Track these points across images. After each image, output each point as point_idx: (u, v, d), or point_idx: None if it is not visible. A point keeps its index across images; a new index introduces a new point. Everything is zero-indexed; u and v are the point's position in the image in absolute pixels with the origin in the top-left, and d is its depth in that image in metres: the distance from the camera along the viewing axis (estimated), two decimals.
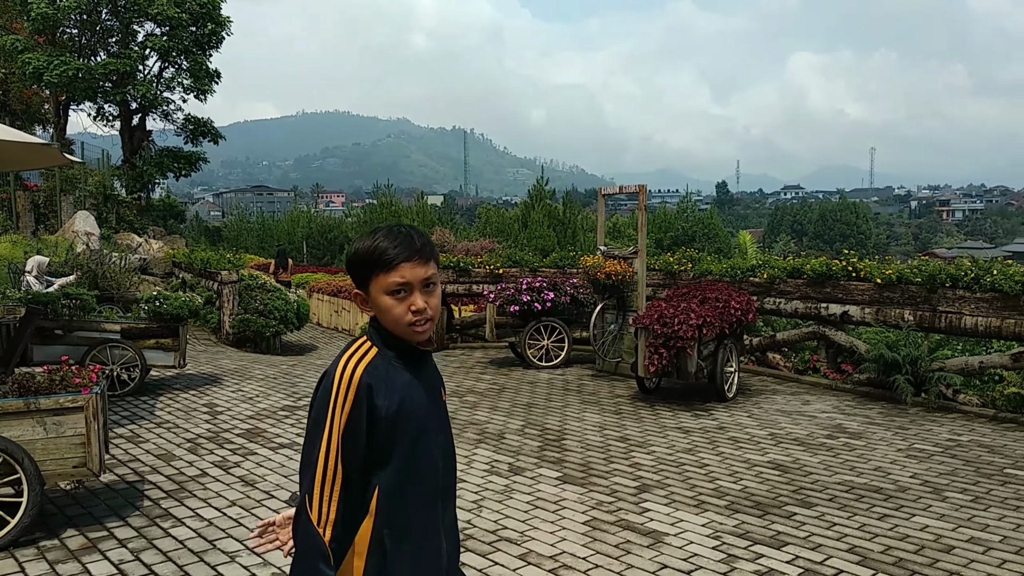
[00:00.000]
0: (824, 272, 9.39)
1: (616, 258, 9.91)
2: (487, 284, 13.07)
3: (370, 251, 1.79)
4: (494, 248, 34.51)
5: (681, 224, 64.44)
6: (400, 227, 1.83)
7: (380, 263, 1.79)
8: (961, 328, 8.00)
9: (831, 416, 7.74)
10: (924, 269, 8.37)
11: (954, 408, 7.86)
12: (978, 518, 4.91)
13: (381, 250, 1.78)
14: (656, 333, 8.12)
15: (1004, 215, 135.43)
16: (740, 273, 10.47)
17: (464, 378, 10.00)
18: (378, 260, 1.79)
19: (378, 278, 1.79)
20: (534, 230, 53.91)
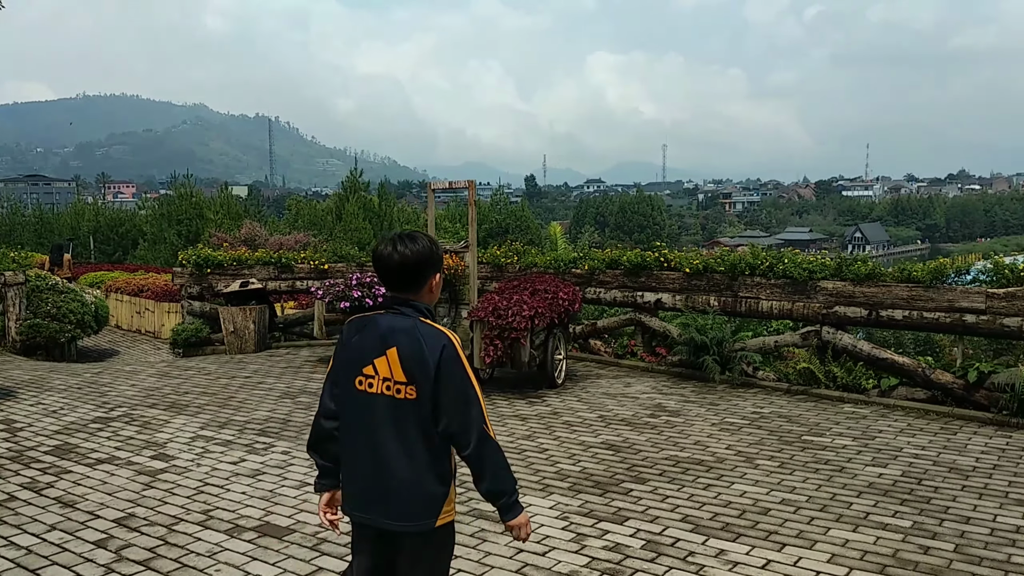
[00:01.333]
0: (639, 263, 10.05)
1: (447, 252, 10.02)
2: (312, 280, 12.74)
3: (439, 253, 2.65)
4: (309, 242, 33.49)
5: (495, 216, 65.77)
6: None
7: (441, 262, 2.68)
8: (759, 311, 8.89)
9: (651, 396, 8.34)
10: (726, 259, 9.21)
11: (755, 384, 8.72)
12: (786, 481, 5.53)
13: (440, 253, 2.66)
14: (491, 325, 8.33)
15: (776, 206, 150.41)
16: (563, 265, 10.94)
17: (294, 378, 9.71)
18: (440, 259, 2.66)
19: (438, 273, 2.68)
20: (349, 222, 52.81)
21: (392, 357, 2.52)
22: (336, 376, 2.66)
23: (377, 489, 2.55)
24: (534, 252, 12.18)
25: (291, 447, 6.59)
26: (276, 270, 12.65)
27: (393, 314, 2.59)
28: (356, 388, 2.58)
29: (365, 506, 2.58)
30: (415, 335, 2.52)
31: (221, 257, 12.50)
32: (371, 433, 2.55)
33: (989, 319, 7.18)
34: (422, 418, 2.51)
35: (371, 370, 2.55)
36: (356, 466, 2.60)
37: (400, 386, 2.51)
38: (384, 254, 2.57)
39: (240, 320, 11.85)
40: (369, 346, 2.57)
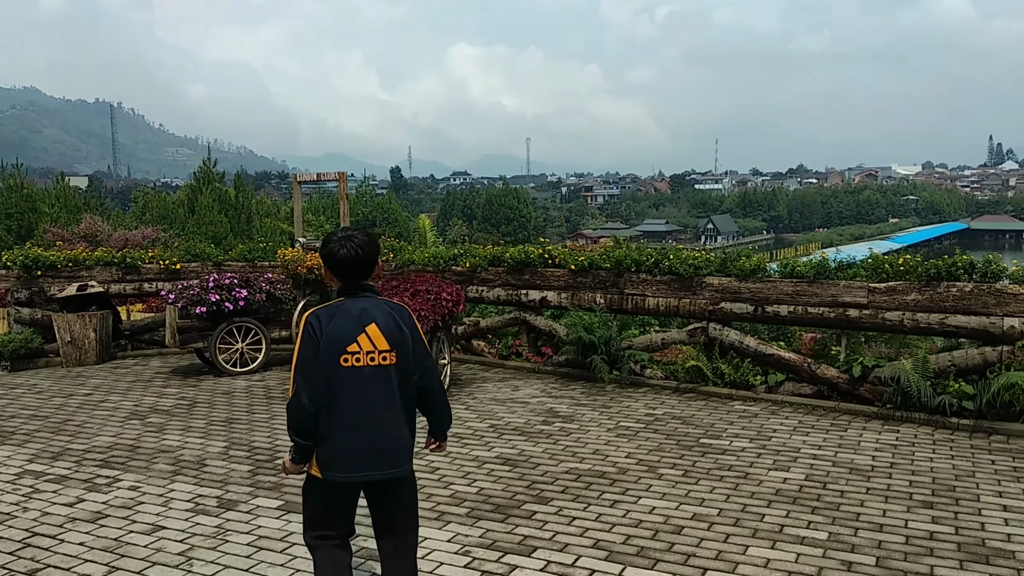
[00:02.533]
0: (523, 260, 9.66)
1: (317, 250, 9.23)
2: (162, 282, 11.54)
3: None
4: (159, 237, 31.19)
5: (361, 209, 64.21)
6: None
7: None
8: (645, 308, 8.70)
9: (542, 400, 7.96)
10: (612, 255, 8.97)
11: (643, 383, 8.53)
12: (694, 492, 5.26)
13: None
14: None
15: (635, 199, 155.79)
16: (443, 263, 10.39)
17: (143, 394, 8.64)
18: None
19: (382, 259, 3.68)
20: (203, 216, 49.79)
21: (373, 332, 3.04)
22: (312, 363, 3.02)
23: (375, 446, 3.05)
24: (410, 249, 11.55)
25: (141, 480, 5.71)
26: (120, 271, 11.37)
27: (357, 298, 3.10)
28: (342, 366, 3.01)
29: (361, 466, 3.06)
30: (386, 310, 3.10)
31: (54, 257, 11.08)
32: (365, 400, 3.03)
33: (871, 313, 7.26)
34: (401, 378, 3.10)
35: (355, 347, 3.02)
36: (353, 432, 3.04)
37: (385, 353, 3.06)
38: (347, 254, 3.08)
39: (78, 328, 10.54)
40: (348, 328, 3.02)
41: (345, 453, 3.04)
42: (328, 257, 3.10)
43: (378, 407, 3.05)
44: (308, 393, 3.01)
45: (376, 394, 3.05)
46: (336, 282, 3.16)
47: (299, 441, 3.07)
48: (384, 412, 3.07)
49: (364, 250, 3.10)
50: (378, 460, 3.06)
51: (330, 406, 3.03)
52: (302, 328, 3.07)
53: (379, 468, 3.07)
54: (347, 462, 3.05)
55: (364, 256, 3.10)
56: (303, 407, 3.02)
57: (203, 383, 9.18)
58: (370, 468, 3.06)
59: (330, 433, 3.04)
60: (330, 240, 3.12)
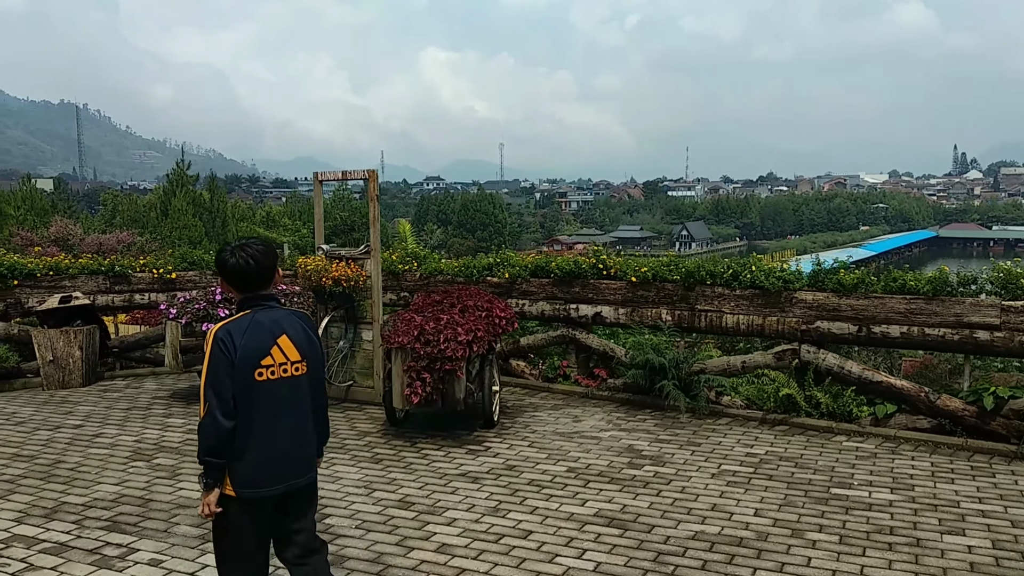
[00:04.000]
0: (572, 270, 8.60)
1: (343, 259, 8.09)
2: (155, 293, 10.30)
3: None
4: (134, 241, 29.60)
5: (338, 214, 62.71)
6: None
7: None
8: (722, 327, 7.68)
9: (614, 435, 6.89)
10: (681, 266, 7.94)
11: (722, 412, 7.50)
12: (871, 570, 4.23)
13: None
14: (418, 355, 6.56)
15: (609, 205, 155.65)
16: (476, 272, 9.30)
17: (144, 425, 7.43)
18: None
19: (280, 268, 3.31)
20: (177, 219, 48.12)
21: (284, 343, 3.10)
22: (225, 379, 2.98)
23: (294, 457, 3.13)
24: (435, 257, 10.44)
25: (162, 550, 4.55)
26: (108, 280, 10.10)
27: (264, 309, 3.13)
28: (256, 380, 3.02)
29: (281, 477, 3.08)
30: (294, 320, 3.17)
31: (33, 265, 9.78)
32: (281, 412, 3.08)
33: (1006, 336, 6.31)
34: (312, 386, 3.20)
35: (269, 360, 3.05)
36: (269, 446, 3.04)
37: (297, 364, 3.12)
38: (243, 263, 3.08)
39: (61, 346, 9.26)
40: (262, 341, 3.05)
41: (263, 468, 3.03)
42: (221, 267, 3.11)
43: (293, 418, 3.11)
44: (223, 409, 2.97)
45: (291, 405, 3.10)
46: (236, 294, 3.16)
47: (213, 461, 3.00)
48: (299, 422, 3.14)
49: (256, 260, 3.09)
50: (292, 469, 3.11)
51: (244, 421, 3.01)
52: (211, 343, 3.02)
53: (295, 477, 3.12)
54: (265, 477, 3.04)
55: (261, 267, 3.10)
56: (219, 424, 2.96)
57: None
58: (288, 479, 3.09)
59: (246, 449, 3.02)
60: (223, 250, 3.13)
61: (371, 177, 8.04)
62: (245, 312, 3.11)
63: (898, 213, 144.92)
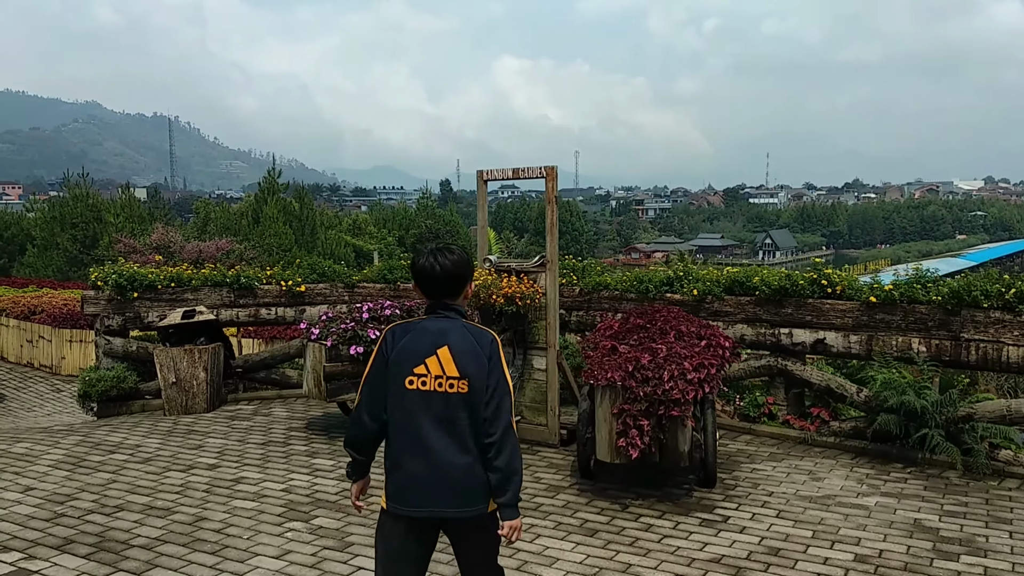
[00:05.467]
0: (782, 287, 7.11)
1: (514, 273, 6.82)
2: (282, 307, 9.26)
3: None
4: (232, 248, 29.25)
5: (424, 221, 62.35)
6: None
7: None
8: (1001, 362, 6.07)
9: (882, 503, 5.37)
10: (944, 284, 6.37)
11: (1003, 471, 5.90)
12: None
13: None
14: (633, 395, 5.20)
15: (687, 213, 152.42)
16: (652, 288, 7.90)
17: (288, 466, 6.28)
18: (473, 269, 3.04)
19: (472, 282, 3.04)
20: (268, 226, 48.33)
21: (444, 355, 2.80)
22: (378, 379, 2.85)
23: (434, 481, 2.76)
24: (598, 270, 9.09)
25: None
26: (232, 293, 9.11)
27: (438, 318, 2.89)
28: (407, 388, 2.79)
29: (421, 500, 2.77)
30: (465, 333, 2.85)
31: (153, 276, 8.86)
32: (425, 429, 2.77)
33: None
34: (473, 410, 2.78)
35: (423, 369, 2.79)
36: (412, 463, 2.78)
37: (453, 380, 2.78)
38: (428, 266, 2.88)
39: (185, 366, 8.28)
40: (420, 348, 2.81)
41: (406, 486, 2.81)
42: (411, 266, 2.97)
43: (444, 439, 2.78)
44: (369, 409, 2.88)
45: (441, 424, 2.79)
46: (422, 298, 2.97)
47: (351, 453, 2.97)
48: (450, 444, 2.78)
49: (443, 267, 2.88)
50: (441, 497, 2.78)
51: (394, 429, 2.85)
52: (380, 340, 2.92)
53: (443, 505, 2.79)
54: (407, 495, 2.81)
55: (448, 274, 2.89)
56: (363, 423, 2.89)
57: None
58: (432, 504, 2.79)
59: (395, 460, 2.84)
60: (420, 252, 2.97)
61: (549, 176, 6.74)
62: (422, 317, 2.96)
63: (997, 221, 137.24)
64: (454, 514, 2.78)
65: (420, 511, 2.78)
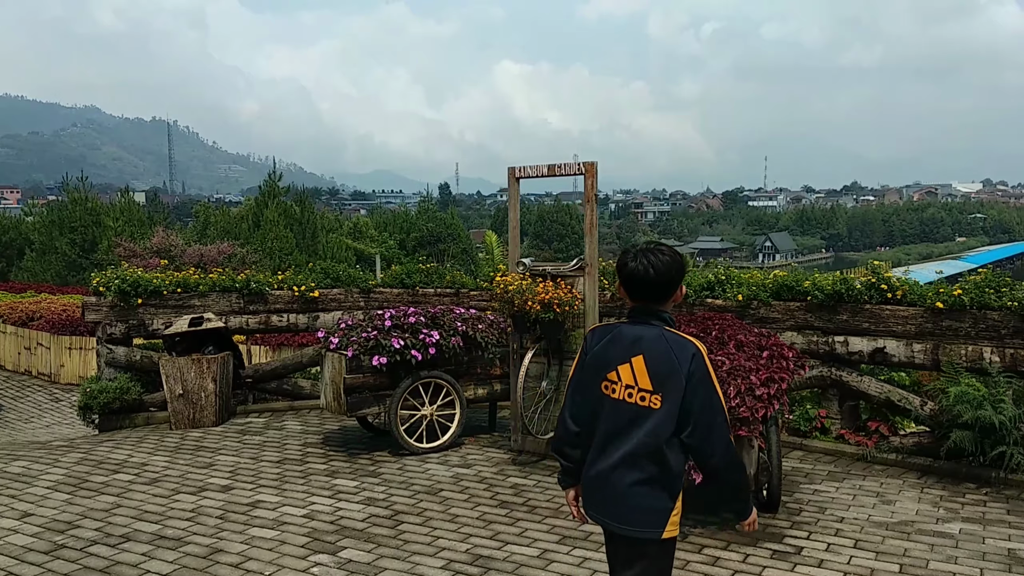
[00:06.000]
0: (837, 291, 6.62)
1: (550, 277, 6.31)
2: (294, 314, 8.77)
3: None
4: (234, 252, 28.77)
5: (425, 225, 61.87)
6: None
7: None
8: None
9: (967, 530, 4.87)
10: (1018, 289, 5.88)
11: None
12: None
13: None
14: None
15: (687, 216, 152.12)
16: (692, 292, 7.41)
17: (306, 487, 5.78)
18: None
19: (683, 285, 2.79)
20: (268, 230, 47.84)
21: (638, 365, 2.63)
22: (578, 380, 2.79)
23: (609, 493, 2.66)
24: None
25: None
26: (242, 299, 8.61)
27: (639, 324, 2.70)
28: (602, 392, 2.70)
29: (598, 507, 2.72)
30: (663, 343, 2.62)
31: (158, 281, 8.36)
32: (610, 437, 2.67)
33: None
34: (662, 428, 2.58)
35: (615, 376, 2.67)
36: (598, 469, 2.70)
37: (645, 394, 2.61)
38: (640, 269, 2.66)
39: (193, 377, 7.77)
40: (615, 353, 2.68)
41: (589, 488, 2.77)
42: (619, 269, 2.75)
43: (625, 451, 2.62)
44: (571, 411, 2.82)
45: (625, 436, 2.64)
46: (627, 300, 2.77)
47: (557, 458, 2.91)
48: (630, 458, 2.61)
49: (656, 269, 2.65)
50: (614, 510, 2.68)
51: (591, 433, 2.74)
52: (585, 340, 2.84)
53: (616, 519, 2.68)
54: (588, 499, 2.78)
55: (656, 275, 2.65)
56: (566, 424, 2.83)
57: (383, 468, 6.28)
58: (607, 515, 2.70)
59: (588, 462, 2.77)
60: (628, 251, 2.74)
61: (589, 172, 6.24)
62: (622, 321, 2.82)
63: (997, 223, 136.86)
64: (624, 531, 2.67)
65: (598, 517, 2.75)
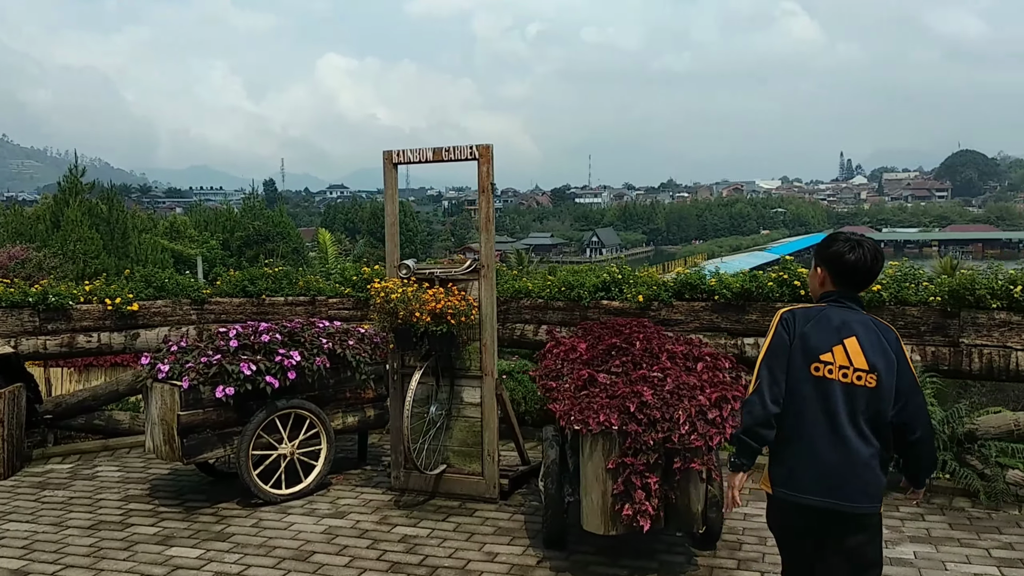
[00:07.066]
0: (747, 289, 6.09)
1: (439, 281, 5.29)
2: (107, 332, 7.17)
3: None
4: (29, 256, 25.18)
5: (251, 223, 58.23)
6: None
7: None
8: (1009, 370, 5.31)
9: (920, 552, 4.39)
10: (942, 282, 5.55)
11: (1017, 494, 5.13)
12: None
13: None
14: (641, 445, 3.88)
15: (518, 213, 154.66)
16: (586, 294, 6.64)
17: (119, 559, 4.42)
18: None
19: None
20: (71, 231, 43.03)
21: (852, 346, 2.70)
22: (781, 360, 2.75)
23: (839, 473, 2.67)
24: (513, 274, 7.71)
25: None
26: (37, 316, 6.90)
27: (841, 307, 2.80)
28: (813, 374, 2.73)
29: (823, 490, 2.68)
30: (872, 327, 2.75)
31: None
32: (831, 418, 2.69)
33: None
34: (877, 406, 2.69)
35: (829, 357, 2.71)
36: (814, 451, 2.70)
37: (861, 373, 2.69)
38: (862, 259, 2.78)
39: None
40: (825, 336, 2.73)
41: (804, 471, 2.71)
42: (836, 260, 2.81)
43: (844, 429, 2.68)
44: (772, 393, 2.75)
45: (845, 414, 2.69)
46: (830, 287, 2.86)
47: (748, 442, 2.79)
48: (851, 437, 2.68)
49: (878, 259, 2.81)
50: (843, 489, 2.67)
51: (791, 415, 2.75)
52: (776, 322, 2.85)
53: (844, 499, 2.68)
54: (801, 481, 2.72)
55: (874, 266, 2.82)
56: (765, 405, 2.75)
57: (232, 526, 5.00)
58: (833, 496, 2.68)
59: (788, 446, 2.76)
60: (836, 240, 2.86)
61: (483, 156, 5.26)
62: (820, 304, 2.86)
63: (795, 217, 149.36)
64: (852, 509, 2.69)
65: (818, 500, 2.69)
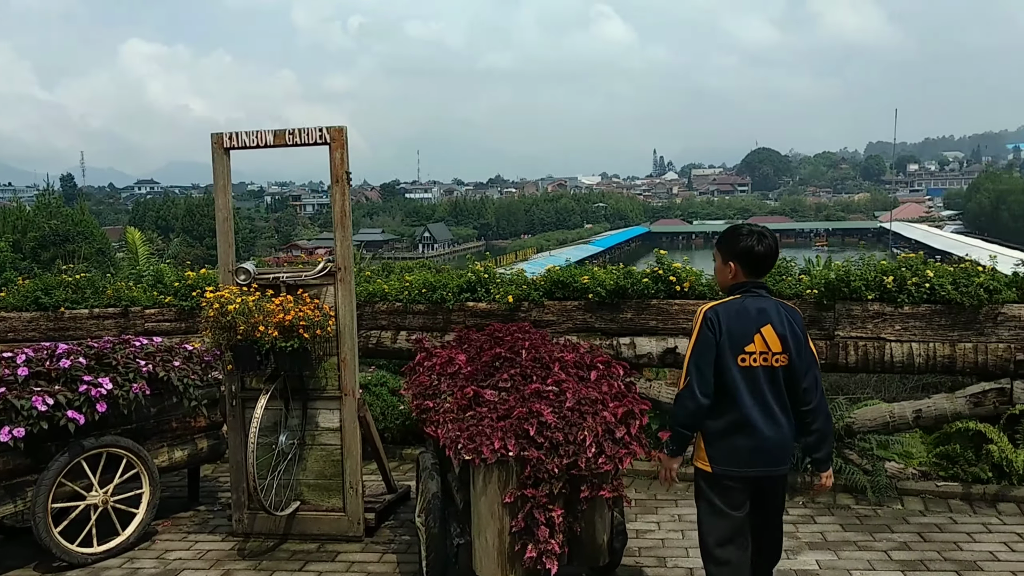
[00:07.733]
0: (621, 286, 5.73)
1: (286, 287, 4.47)
2: None
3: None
4: None
5: (47, 223, 52.60)
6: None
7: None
8: (883, 362, 5.26)
9: (824, 561, 4.18)
10: (817, 275, 5.42)
11: (896, 487, 5.10)
12: None
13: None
14: (544, 474, 3.34)
15: None
16: (450, 295, 6.04)
17: None
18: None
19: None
20: None
21: (768, 333, 3.09)
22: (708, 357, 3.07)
23: (777, 446, 3.10)
24: (366, 274, 6.91)
25: None
26: None
27: (754, 297, 3.16)
28: (739, 365, 3.07)
29: (764, 462, 3.11)
30: (781, 311, 3.15)
31: None
32: (761, 400, 3.07)
33: None
34: (790, 381, 3.11)
35: (752, 347, 3.07)
36: (755, 431, 3.07)
37: (778, 356, 3.09)
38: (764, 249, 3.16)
39: None
40: (745, 327, 3.09)
41: (740, 449, 3.08)
42: (747, 253, 3.16)
43: (772, 407, 3.08)
44: (702, 387, 3.06)
45: (771, 394, 3.08)
46: (740, 279, 3.20)
47: (684, 432, 3.18)
48: (778, 413, 3.09)
49: (777, 244, 3.20)
50: (769, 459, 3.11)
51: (726, 402, 3.08)
52: (700, 321, 3.10)
53: (772, 464, 3.12)
54: (741, 458, 3.09)
55: (777, 251, 3.22)
56: (697, 400, 3.07)
57: None
58: (763, 464, 3.10)
59: (723, 429, 3.10)
60: (740, 235, 3.19)
61: (336, 141, 4.51)
62: (735, 296, 3.16)
63: (615, 211, 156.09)
64: (778, 472, 3.15)
65: (751, 471, 3.09)
